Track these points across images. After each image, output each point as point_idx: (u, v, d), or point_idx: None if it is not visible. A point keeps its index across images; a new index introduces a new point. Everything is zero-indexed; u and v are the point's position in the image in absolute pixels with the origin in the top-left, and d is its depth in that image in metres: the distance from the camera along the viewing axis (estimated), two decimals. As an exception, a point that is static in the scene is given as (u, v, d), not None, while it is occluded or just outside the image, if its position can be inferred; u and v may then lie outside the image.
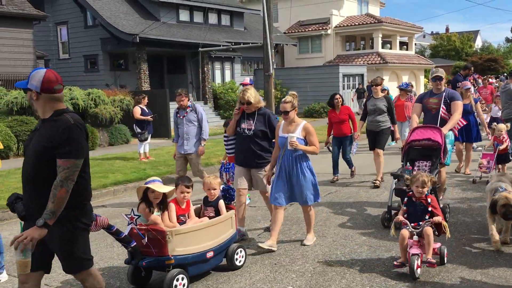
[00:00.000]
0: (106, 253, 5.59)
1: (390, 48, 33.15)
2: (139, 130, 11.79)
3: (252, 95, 5.73)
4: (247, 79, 9.11)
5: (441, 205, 5.62)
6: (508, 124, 9.14)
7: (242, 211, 5.81)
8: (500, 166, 8.60)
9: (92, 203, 3.44)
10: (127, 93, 16.85)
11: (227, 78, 25.11)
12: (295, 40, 31.27)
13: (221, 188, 5.31)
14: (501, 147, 8.38)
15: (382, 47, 31.80)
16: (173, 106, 18.09)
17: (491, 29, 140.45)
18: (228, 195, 5.42)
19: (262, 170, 5.79)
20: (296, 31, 32.06)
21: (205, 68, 22.81)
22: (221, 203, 5.10)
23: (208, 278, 4.70)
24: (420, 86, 32.80)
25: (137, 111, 11.91)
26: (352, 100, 24.66)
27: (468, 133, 9.24)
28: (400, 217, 4.68)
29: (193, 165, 7.83)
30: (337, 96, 9.16)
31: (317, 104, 23.66)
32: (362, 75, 27.11)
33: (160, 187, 4.44)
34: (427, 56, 53.18)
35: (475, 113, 9.60)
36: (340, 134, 9.15)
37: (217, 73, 24.88)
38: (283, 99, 5.43)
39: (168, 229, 4.33)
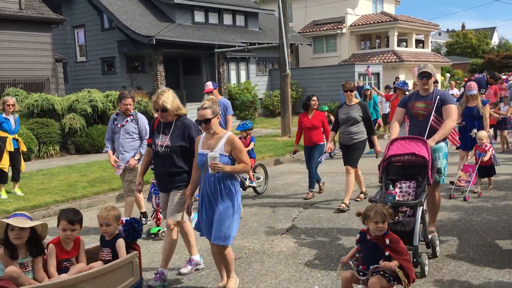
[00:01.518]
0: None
1: (406, 46, 32.87)
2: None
3: (169, 99, 4.63)
4: (209, 84, 8.14)
5: (430, 236, 4.89)
6: (491, 130, 8.57)
7: (172, 249, 4.69)
8: (482, 179, 7.77)
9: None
10: (144, 95, 16.98)
11: (243, 78, 25.15)
12: (310, 39, 31.19)
13: (123, 221, 4.18)
14: (485, 158, 7.41)
15: (398, 45, 31.57)
16: (190, 107, 18.27)
17: (508, 25, 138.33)
18: (133, 230, 4.17)
19: (178, 193, 4.61)
20: (311, 30, 31.98)
21: (221, 69, 22.87)
22: (120, 243, 4.01)
23: (233, 277, 4.71)
24: (437, 85, 32.39)
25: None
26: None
27: (474, 140, 7.83)
28: (345, 258, 3.83)
29: (124, 183, 6.44)
30: (314, 98, 7.98)
31: (332, 104, 23.58)
32: (378, 74, 26.93)
33: (21, 222, 3.40)
34: (443, 54, 52.61)
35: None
36: (310, 142, 7.94)
37: (233, 74, 24.94)
38: (201, 105, 4.25)
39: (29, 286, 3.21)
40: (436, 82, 14.57)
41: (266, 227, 6.41)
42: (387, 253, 3.66)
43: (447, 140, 5.72)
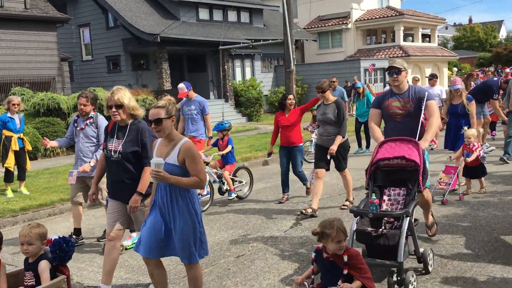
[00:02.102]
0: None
1: (412, 41, 32.68)
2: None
3: (126, 95, 4.21)
4: (182, 87, 7.72)
5: (422, 250, 4.40)
6: (481, 129, 8.22)
7: (113, 266, 4.25)
8: (467, 180, 7.27)
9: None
10: (149, 93, 17.02)
11: (248, 75, 25.12)
12: (315, 35, 31.08)
13: (51, 240, 3.65)
14: (469, 159, 6.90)
15: (404, 40, 31.38)
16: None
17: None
18: (60, 251, 3.62)
19: (141, 205, 4.23)
20: (316, 26, 31.86)
21: (226, 66, 22.86)
22: (42, 265, 3.53)
23: (236, 274, 4.71)
24: (444, 79, 32.22)
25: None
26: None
27: (457, 140, 7.45)
28: (299, 279, 3.52)
29: (78, 191, 5.89)
30: (290, 97, 7.45)
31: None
32: (383, 69, 26.80)
33: None
34: (450, 48, 52.24)
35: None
36: (288, 142, 7.35)
37: (238, 71, 24.92)
38: (156, 103, 3.78)
39: None
40: (417, 79, 14.18)
41: (270, 224, 6.40)
42: (345, 272, 3.35)
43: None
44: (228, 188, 7.57)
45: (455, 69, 30.32)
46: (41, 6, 18.54)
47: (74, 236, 5.93)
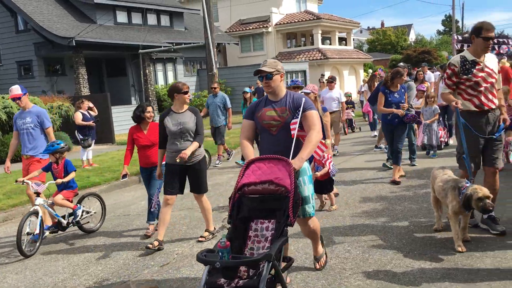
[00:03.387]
0: (51, 267, 5.30)
1: (330, 44, 33.88)
2: (81, 137, 11.34)
3: None
4: (15, 89, 6.53)
5: None
6: (375, 132, 8.23)
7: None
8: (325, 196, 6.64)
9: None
10: (66, 99, 16.22)
11: (170, 79, 24.75)
12: (237, 39, 31.30)
13: None
14: (319, 173, 6.11)
15: (322, 43, 32.47)
16: (115, 110, 17.70)
17: (423, 22, 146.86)
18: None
19: None
20: (237, 30, 32.09)
21: (147, 70, 22.36)
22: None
23: (161, 284, 4.55)
24: (359, 81, 33.70)
25: (78, 117, 11.44)
26: None
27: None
28: None
29: None
30: (149, 109, 6.23)
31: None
32: (304, 72, 27.55)
33: None
34: (365, 50, 54.79)
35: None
36: (149, 163, 6.20)
37: (160, 75, 24.48)
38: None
39: None
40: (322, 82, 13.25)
41: (196, 230, 6.28)
42: None
43: (313, 157, 4.32)
44: (70, 214, 6.33)
45: (370, 70, 31.83)
46: None
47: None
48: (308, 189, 4.01)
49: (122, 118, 17.89)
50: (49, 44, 19.58)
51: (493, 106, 5.03)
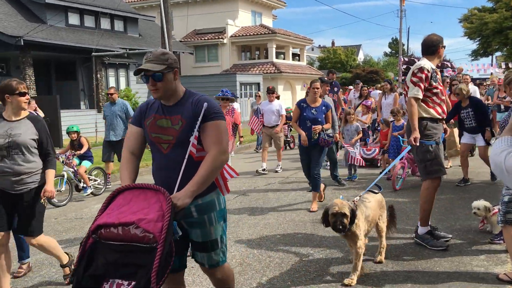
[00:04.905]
0: None
1: (284, 59, 34.42)
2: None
3: None
4: None
5: None
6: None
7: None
8: None
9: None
10: (11, 100, 15.46)
11: (122, 85, 24.20)
12: (192, 48, 31.18)
13: None
14: None
15: (276, 57, 32.94)
16: (65, 115, 17.05)
17: (371, 44, 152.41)
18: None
19: None
20: (193, 39, 32.01)
21: (98, 75, 21.78)
22: None
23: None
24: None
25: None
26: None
27: None
28: None
29: None
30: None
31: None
32: (258, 84, 27.79)
33: None
34: (316, 67, 56.04)
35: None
36: None
37: (111, 80, 23.89)
38: None
39: None
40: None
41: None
42: None
43: (222, 186, 3.05)
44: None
45: (322, 86, 32.52)
46: None
47: None
48: (216, 231, 2.94)
49: (71, 123, 17.23)
50: (-6, 42, 18.70)
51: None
